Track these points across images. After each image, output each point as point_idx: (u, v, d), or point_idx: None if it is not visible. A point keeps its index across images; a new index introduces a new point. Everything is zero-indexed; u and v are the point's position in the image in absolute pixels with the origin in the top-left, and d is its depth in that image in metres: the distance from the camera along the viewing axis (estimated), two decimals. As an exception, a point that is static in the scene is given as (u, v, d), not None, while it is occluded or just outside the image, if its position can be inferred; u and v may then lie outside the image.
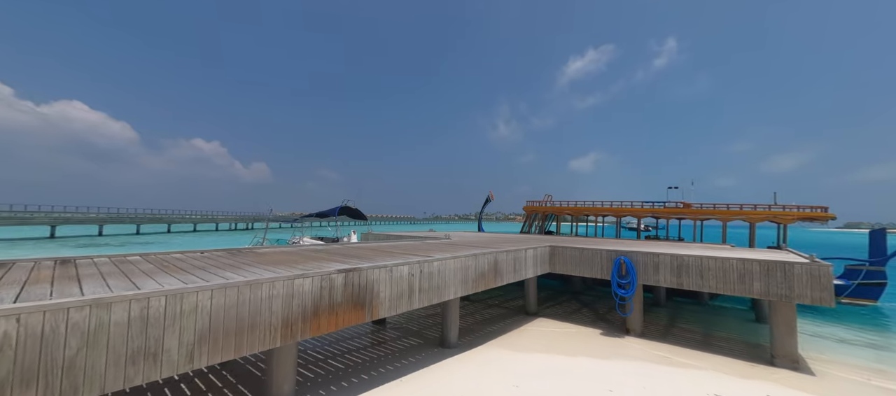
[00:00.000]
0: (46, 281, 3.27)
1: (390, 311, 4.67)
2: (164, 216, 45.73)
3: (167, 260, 4.92)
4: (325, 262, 4.92)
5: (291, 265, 4.64)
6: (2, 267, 4.07)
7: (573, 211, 17.31)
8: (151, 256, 5.21)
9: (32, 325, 2.26)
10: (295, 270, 4.05)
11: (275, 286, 3.48)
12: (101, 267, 4.21)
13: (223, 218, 55.86)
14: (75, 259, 4.71)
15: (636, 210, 14.90)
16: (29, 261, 4.41)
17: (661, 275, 7.20)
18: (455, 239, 11.49)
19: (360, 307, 4.28)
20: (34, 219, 31.36)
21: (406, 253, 6.36)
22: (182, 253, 5.65)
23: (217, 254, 5.69)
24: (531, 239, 12.19)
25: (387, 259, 5.31)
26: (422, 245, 8.53)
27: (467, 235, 14.21)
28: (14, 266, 4.14)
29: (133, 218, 41.81)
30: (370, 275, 4.42)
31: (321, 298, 3.88)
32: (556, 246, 8.82)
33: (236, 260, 5.09)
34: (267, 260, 5.17)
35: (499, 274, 6.98)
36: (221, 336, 3.09)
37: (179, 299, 2.87)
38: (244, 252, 6.09)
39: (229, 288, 3.17)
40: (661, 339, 7.43)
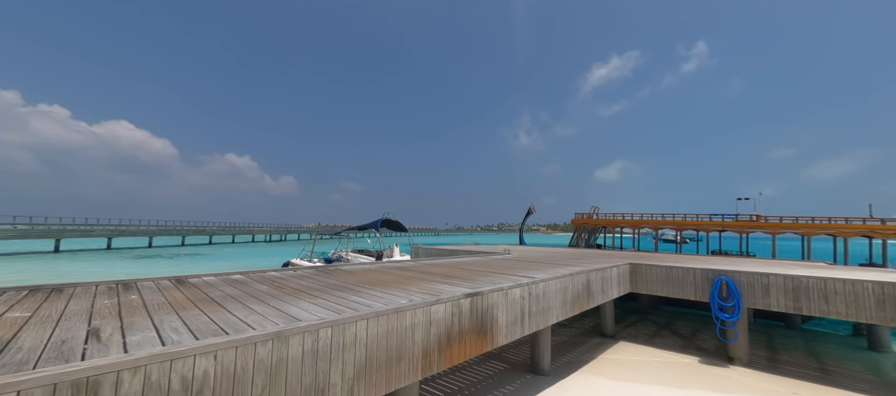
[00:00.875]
0: (193, 306, 3.18)
1: (506, 338, 4.34)
2: (206, 228, 47.85)
3: (278, 281, 4.83)
4: (432, 283, 4.68)
5: (400, 287, 4.42)
6: (126, 288, 4.08)
7: (630, 224, 16.47)
8: (255, 275, 5.15)
9: (227, 363, 2.10)
10: (423, 295, 3.81)
11: (416, 314, 3.25)
12: (220, 288, 4.14)
13: (259, 229, 57.84)
14: (188, 278, 4.70)
15: (704, 224, 13.94)
16: (149, 281, 4.42)
17: (773, 299, 6.49)
18: (514, 253, 11.08)
19: (482, 334, 3.98)
20: (94, 232, 33.54)
21: (491, 272, 6.04)
22: (278, 271, 5.60)
23: (312, 273, 5.59)
24: (605, 255, 11.57)
25: (497, 280, 5.01)
26: (497, 262, 8.19)
27: (521, 249, 13.74)
28: (138, 285, 4.15)
29: (178, 230, 43.98)
30: (490, 300, 4.12)
31: (452, 325, 3.61)
32: (638, 264, 8.24)
33: (340, 280, 4.95)
34: (368, 280, 5.00)
35: (591, 296, 6.52)
36: (375, 370, 2.87)
37: (341, 330, 2.67)
38: (337, 272, 5.96)
39: (381, 316, 2.96)
40: (773, 370, 6.67)
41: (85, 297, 3.53)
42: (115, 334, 2.35)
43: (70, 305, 3.16)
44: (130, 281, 4.39)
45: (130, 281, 4.43)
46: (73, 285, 4.06)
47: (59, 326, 2.52)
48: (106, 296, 3.58)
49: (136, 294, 3.72)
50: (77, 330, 2.43)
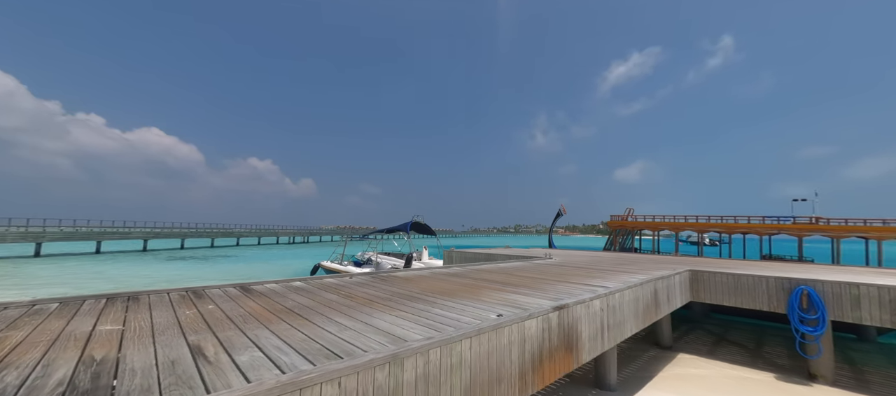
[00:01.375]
0: (277, 319, 3.03)
1: (589, 355, 4.02)
2: (233, 230, 49.31)
3: (341, 288, 4.68)
4: (501, 292, 4.41)
5: (472, 297, 4.18)
6: (198, 297, 4.00)
7: (670, 226, 15.71)
8: (315, 282, 5.02)
9: (350, 390, 1.90)
10: (506, 308, 3.55)
11: (512, 331, 2.99)
12: (289, 296, 4.01)
13: (282, 232, 59.15)
14: (252, 285, 4.61)
15: (755, 226, 13.10)
16: (216, 288, 4.35)
17: (866, 312, 5.88)
18: (556, 258, 10.67)
19: (569, 351, 3.68)
20: (131, 234, 35.07)
21: (551, 279, 5.72)
22: (335, 278, 5.46)
23: (369, 280, 5.42)
24: (654, 260, 11.02)
25: (570, 290, 4.70)
26: (547, 268, 7.84)
27: (560, 253, 13.27)
28: (207, 293, 4.07)
29: (208, 232, 45.47)
30: (574, 313, 3.82)
31: (543, 342, 3.33)
32: (700, 271, 7.71)
33: (402, 288, 4.75)
34: (432, 288, 4.78)
35: (658, 306, 6.10)
36: (479, 392, 2.62)
37: (449, 350, 2.44)
38: (393, 278, 5.78)
39: (482, 334, 2.71)
40: (863, 390, 6.05)
41: (163, 307, 3.45)
42: (219, 353, 2.19)
43: (155, 316, 3.07)
44: (199, 289, 4.33)
45: (199, 288, 4.37)
46: (146, 292, 4.02)
47: (158, 342, 2.39)
48: (183, 305, 3.49)
49: (211, 303, 3.61)
50: (178, 347, 2.29)
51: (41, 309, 3.29)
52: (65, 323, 2.87)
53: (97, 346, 2.29)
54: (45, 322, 2.86)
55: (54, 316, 3.06)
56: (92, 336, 2.50)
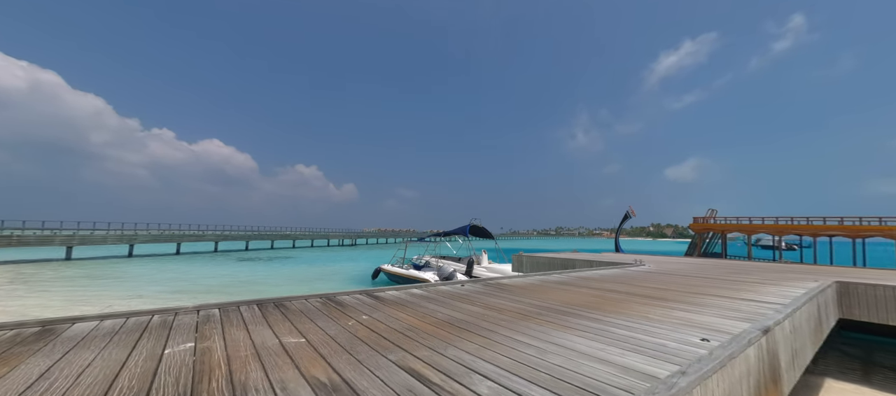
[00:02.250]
0: (456, 337, 2.76)
1: (788, 386, 3.35)
2: (289, 234, 52.36)
3: (466, 297, 4.40)
4: (661, 308, 3.86)
5: (634, 313, 3.67)
6: (337, 304, 3.88)
7: (771, 230, 13.92)
8: (433, 290, 4.79)
9: (649, 443, 1.51)
10: (696, 329, 3.02)
11: (739, 362, 2.45)
12: (427, 305, 3.77)
13: (333, 234, 61.83)
14: (377, 292, 4.46)
15: (848, 228, 11.12)
16: (345, 295, 4.23)
17: None
18: (647, 265, 9.74)
19: (774, 383, 3.05)
20: (205, 236, 38.48)
21: (689, 292, 5.02)
22: (449, 285, 5.21)
23: (483, 289, 5.10)
24: (780, 269, 9.74)
25: (731, 304, 4.04)
26: (663, 276, 7.06)
27: (650, 259, 12.20)
28: (339, 299, 3.94)
29: (268, 235, 48.70)
30: (775, 335, 3.18)
31: (759, 374, 2.75)
32: (849, 284, 6.53)
33: (528, 298, 4.35)
34: (564, 300, 4.33)
35: (821, 326, 5.15)
36: (727, 440, 2.13)
37: (704, 389, 1.98)
38: (512, 286, 5.40)
39: (725, 367, 2.22)
40: None
41: (317, 314, 3.33)
42: (447, 381, 1.92)
43: (325, 327, 2.93)
44: (332, 294, 4.25)
45: (332, 294, 4.29)
46: (289, 298, 3.99)
47: (365, 362, 2.18)
48: (335, 314, 3.36)
49: (363, 314, 3.46)
50: (393, 372, 2.05)
51: (208, 315, 3.30)
52: (243, 333, 2.80)
53: (307, 363, 2.13)
54: (229, 330, 2.81)
55: (226, 324, 3.03)
56: (288, 350, 2.36)
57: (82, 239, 27.55)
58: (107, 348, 2.39)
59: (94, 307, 12.18)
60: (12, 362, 2.12)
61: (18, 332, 2.71)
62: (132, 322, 3.05)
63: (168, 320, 3.12)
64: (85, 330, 2.80)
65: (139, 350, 2.34)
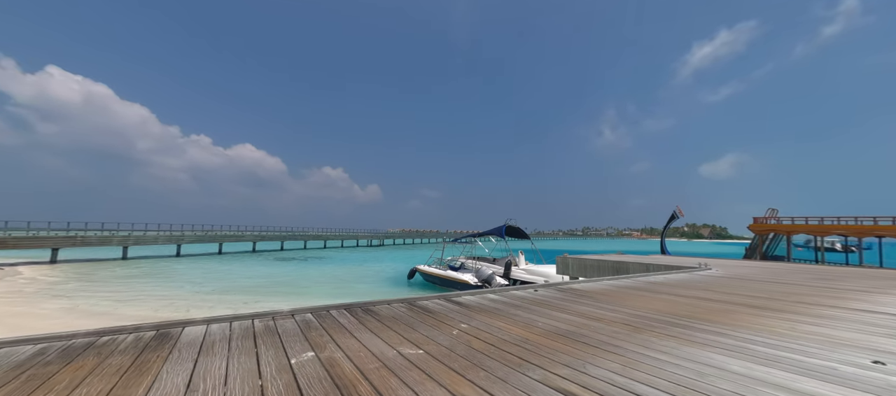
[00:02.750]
0: (582, 351, 2.52)
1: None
2: (321, 234, 53.89)
3: (548, 302, 4.15)
4: (777, 319, 3.45)
5: (757, 326, 3.29)
6: (465, 307, 3.73)
7: (843, 230, 12.68)
8: (511, 295, 4.56)
9: None
10: (853, 348, 2.63)
11: (943, 389, 2.06)
12: (521, 315, 3.56)
13: (362, 235, 63.05)
14: (452, 296, 4.29)
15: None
16: (430, 299, 4.09)
17: None
18: (715, 270, 9.05)
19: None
20: (244, 237, 40.27)
21: (787, 300, 4.51)
22: (523, 291, 4.96)
23: (563, 295, 4.82)
24: (865, 274, 8.84)
25: (844, 315, 3.56)
26: (742, 283, 6.50)
27: (714, 262, 11.42)
28: (423, 304, 3.80)
29: (302, 235, 50.32)
30: (948, 359, 2.72)
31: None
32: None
33: (627, 305, 4.03)
34: (655, 308, 3.99)
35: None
36: None
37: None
38: (594, 293, 5.09)
39: None
40: None
41: (418, 322, 3.20)
42: None
43: (436, 337, 2.78)
44: (414, 299, 4.13)
45: (414, 298, 4.17)
46: (374, 303, 3.90)
47: (509, 380, 1.99)
48: (426, 320, 3.21)
49: (463, 322, 3.29)
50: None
51: (306, 320, 3.25)
52: (353, 341, 2.70)
53: (447, 379, 1.97)
54: (338, 338, 2.72)
55: (329, 330, 2.95)
56: (415, 363, 2.21)
57: (136, 240, 29.50)
58: (232, 356, 2.34)
59: (168, 303, 12.87)
60: (151, 369, 2.10)
61: (138, 336, 2.73)
62: (237, 326, 3.03)
63: (270, 325, 3.08)
64: (197, 335, 2.79)
65: (265, 359, 2.27)
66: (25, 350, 2.39)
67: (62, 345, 2.48)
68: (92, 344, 2.53)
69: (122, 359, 2.25)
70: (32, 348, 2.42)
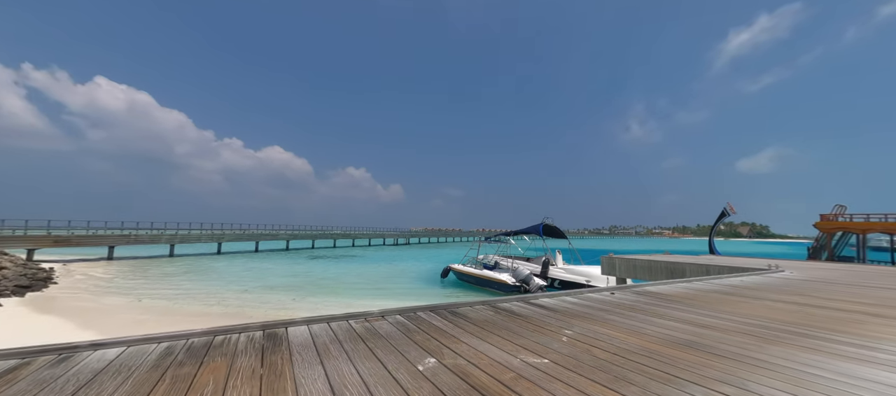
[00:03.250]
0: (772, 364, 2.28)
1: None
2: (350, 233, 55.11)
3: (646, 307, 3.88)
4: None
5: None
6: (551, 309, 3.57)
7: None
8: (590, 298, 4.32)
9: None
10: None
11: None
12: (627, 322, 3.33)
13: (388, 233, 63.91)
14: (530, 299, 4.11)
15: None
16: (514, 302, 3.94)
17: None
18: (788, 270, 8.35)
19: None
20: (279, 235, 41.80)
21: None
22: (597, 293, 4.71)
23: (647, 300, 4.52)
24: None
25: None
26: (829, 286, 5.93)
27: (785, 263, 10.62)
28: (506, 307, 3.64)
29: (331, 234, 51.64)
30: None
31: None
32: None
33: (732, 311, 3.71)
34: (789, 319, 3.63)
35: None
36: None
37: None
38: (676, 297, 4.77)
39: None
40: None
41: (517, 326, 3.05)
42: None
43: (550, 344, 2.62)
44: (493, 302, 3.99)
45: (492, 301, 4.03)
46: (457, 304, 3.79)
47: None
48: (532, 326, 3.05)
49: (566, 328, 3.11)
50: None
51: (400, 322, 3.17)
52: (467, 347, 2.58)
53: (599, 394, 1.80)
54: (452, 343, 2.61)
55: (433, 333, 2.85)
56: (552, 374, 2.06)
57: (182, 238, 31.25)
58: (355, 359, 2.27)
59: (221, 298, 13.47)
60: (283, 372, 2.06)
61: (249, 336, 2.73)
62: (337, 327, 2.99)
63: (368, 327, 3.02)
64: (303, 335, 2.76)
65: (391, 364, 2.19)
66: (153, 348, 2.43)
67: (184, 344, 2.51)
68: (210, 344, 2.55)
69: (250, 361, 2.23)
70: (159, 347, 2.46)
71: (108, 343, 2.41)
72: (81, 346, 2.35)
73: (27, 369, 2.05)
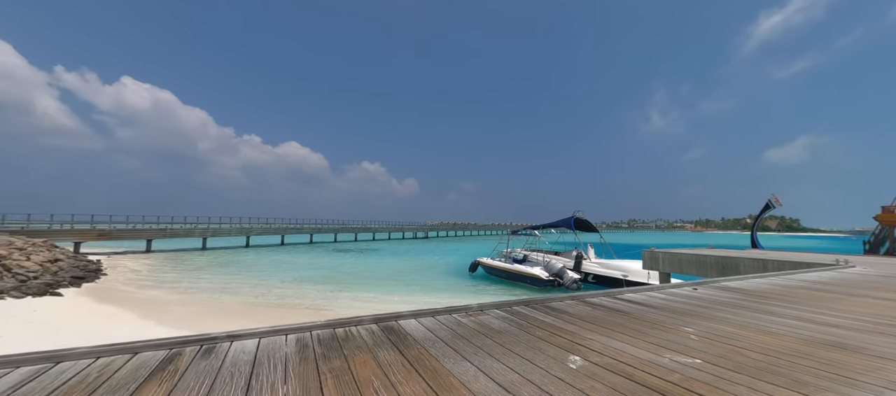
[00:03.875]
0: (895, 366, 2.10)
1: None
2: (370, 227, 55.75)
3: (757, 307, 3.68)
4: None
5: None
6: (610, 311, 3.44)
7: None
8: (672, 293, 4.14)
9: None
10: None
11: None
12: (726, 315, 3.14)
13: (407, 227, 64.42)
14: (616, 293, 3.95)
15: None
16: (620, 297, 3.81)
17: None
18: (862, 266, 7.86)
19: None
20: (303, 229, 42.78)
21: None
22: (684, 289, 4.52)
23: (734, 296, 4.30)
24: None
25: None
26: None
27: (854, 259, 10.04)
28: (608, 304, 3.50)
29: (352, 228, 52.52)
30: None
31: None
32: None
33: (854, 313, 3.46)
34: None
35: None
36: None
37: None
38: (772, 296, 4.53)
39: None
40: None
41: (629, 325, 2.93)
42: None
43: (685, 341, 2.49)
44: (583, 296, 3.87)
45: (581, 295, 3.92)
46: (551, 299, 3.69)
47: None
48: (647, 324, 2.92)
49: (686, 327, 2.97)
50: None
51: (502, 315, 3.10)
52: (603, 345, 2.48)
53: (797, 401, 1.66)
54: (585, 338, 2.52)
55: (547, 328, 2.76)
56: (721, 378, 1.94)
57: (214, 232, 32.37)
58: (509, 356, 2.20)
59: (265, 289, 13.87)
60: (434, 367, 2.01)
61: (369, 329, 2.71)
62: (445, 320, 2.94)
63: (478, 322, 2.96)
64: (419, 329, 2.72)
65: (548, 361, 2.11)
66: (285, 339, 2.43)
67: (312, 336, 2.50)
68: (334, 336, 2.53)
69: (390, 354, 2.19)
70: (290, 338, 2.46)
71: (243, 335, 2.43)
72: (220, 338, 2.38)
73: (183, 360, 2.08)
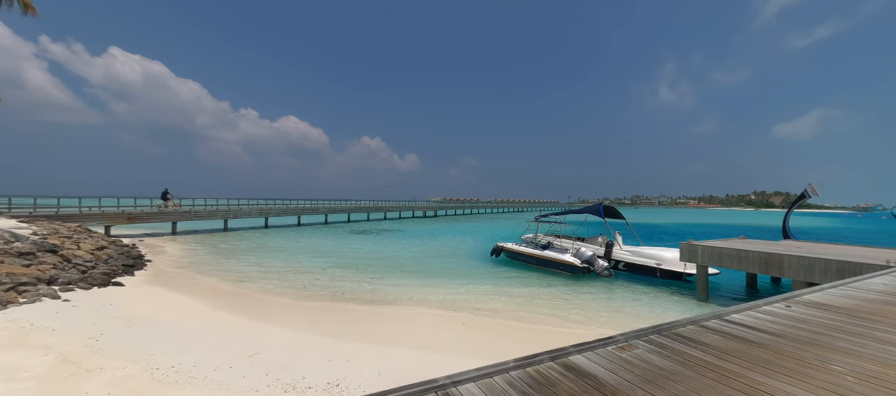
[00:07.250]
0: None
1: None
2: (382, 205, 56.37)
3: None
4: None
5: None
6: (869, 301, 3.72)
7: None
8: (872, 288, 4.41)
9: None
10: None
11: None
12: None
13: (418, 206, 65.06)
14: (801, 294, 4.25)
15: None
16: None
17: None
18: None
19: None
20: (319, 209, 43.41)
21: None
22: (822, 311, 4.81)
23: None
24: None
25: None
26: None
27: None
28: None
29: (366, 208, 53.15)
30: None
31: None
32: None
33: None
34: None
35: None
36: None
37: None
38: None
39: None
40: None
41: (799, 349, 3.23)
42: None
43: (846, 386, 2.78)
44: (699, 319, 4.17)
45: (696, 319, 4.22)
46: (677, 324, 4.00)
47: None
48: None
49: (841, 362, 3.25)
50: None
51: (652, 350, 3.40)
52: (765, 385, 2.77)
53: None
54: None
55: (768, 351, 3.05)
56: None
57: (235, 213, 32.96)
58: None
59: (312, 278, 14.38)
60: None
61: (549, 365, 3.02)
62: (606, 353, 3.25)
63: (639, 357, 3.26)
64: (592, 366, 3.03)
65: None
66: (499, 381, 2.74)
67: (523, 374, 2.81)
68: (528, 375, 2.84)
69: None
70: (502, 378, 2.77)
71: (462, 380, 2.74)
72: (441, 382, 2.69)
73: (437, 410, 2.39)
